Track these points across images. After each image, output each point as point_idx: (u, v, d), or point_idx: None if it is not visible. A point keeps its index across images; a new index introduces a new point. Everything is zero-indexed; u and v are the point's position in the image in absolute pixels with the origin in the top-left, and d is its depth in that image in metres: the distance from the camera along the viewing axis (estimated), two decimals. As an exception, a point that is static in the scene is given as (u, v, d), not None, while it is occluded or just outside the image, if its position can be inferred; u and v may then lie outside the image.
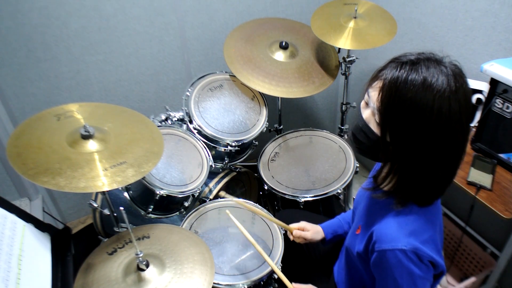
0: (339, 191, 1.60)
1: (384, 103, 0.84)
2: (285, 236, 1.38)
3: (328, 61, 1.83)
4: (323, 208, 1.70)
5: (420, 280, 0.87)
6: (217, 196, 1.63)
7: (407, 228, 0.87)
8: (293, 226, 1.33)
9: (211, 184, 1.67)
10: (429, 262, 0.87)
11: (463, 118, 0.81)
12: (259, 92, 1.74)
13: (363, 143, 0.93)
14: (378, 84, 0.85)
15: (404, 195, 0.90)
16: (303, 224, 1.33)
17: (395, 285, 0.88)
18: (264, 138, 1.82)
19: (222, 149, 1.65)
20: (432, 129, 0.80)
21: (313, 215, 1.50)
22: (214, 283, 1.18)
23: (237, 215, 1.49)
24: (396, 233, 0.87)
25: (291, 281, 1.18)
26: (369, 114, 0.90)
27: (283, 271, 1.33)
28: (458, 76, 0.81)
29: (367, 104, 0.91)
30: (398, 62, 0.84)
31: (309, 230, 1.30)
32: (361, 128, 0.92)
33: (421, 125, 0.80)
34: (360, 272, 1.06)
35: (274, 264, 1.31)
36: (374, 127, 0.89)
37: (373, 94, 0.87)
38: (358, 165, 1.70)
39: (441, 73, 0.79)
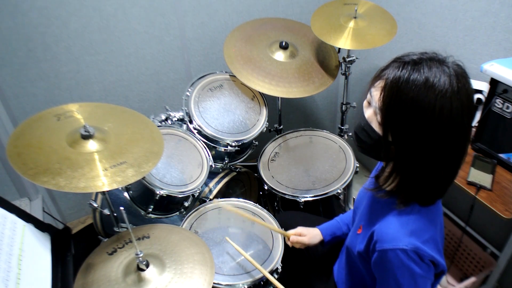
0: (339, 191, 1.60)
1: (386, 102, 0.84)
2: (285, 240, 1.38)
3: (328, 61, 1.83)
4: (323, 208, 1.70)
5: (421, 279, 0.87)
6: (217, 196, 1.63)
7: (408, 228, 0.87)
8: (290, 232, 1.33)
9: (211, 184, 1.67)
10: (430, 262, 0.87)
11: (465, 118, 0.81)
12: (259, 92, 1.74)
13: (365, 143, 0.93)
14: (380, 84, 0.86)
15: (407, 194, 0.90)
16: (299, 229, 1.32)
17: (396, 285, 0.88)
18: (264, 138, 1.82)
19: (222, 149, 1.65)
20: (434, 129, 0.80)
21: (313, 217, 1.50)
22: (214, 283, 1.18)
23: (237, 215, 1.49)
24: (397, 232, 0.87)
25: (290, 283, 1.18)
26: (371, 114, 0.90)
27: (283, 271, 1.33)
28: (461, 76, 0.80)
29: (369, 103, 0.91)
30: (400, 61, 0.84)
31: (306, 235, 1.30)
32: (363, 128, 0.92)
33: (422, 125, 0.80)
34: (361, 272, 1.06)
35: (273, 266, 1.32)
36: (376, 126, 0.89)
37: (375, 94, 0.87)
38: (358, 165, 1.70)
39: (443, 73, 0.79)
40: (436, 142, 0.82)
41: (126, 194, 1.44)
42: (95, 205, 1.45)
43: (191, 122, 1.64)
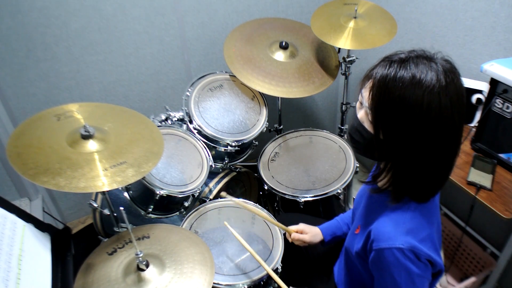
0: (339, 191, 1.60)
1: (375, 101, 0.84)
2: (285, 236, 1.38)
3: (328, 61, 1.83)
4: (323, 208, 1.70)
5: (419, 278, 0.87)
6: (217, 196, 1.63)
7: (404, 227, 0.88)
8: (292, 228, 1.33)
9: (211, 184, 1.67)
10: (427, 261, 0.87)
11: (455, 113, 0.81)
12: (259, 92, 1.74)
13: (359, 143, 0.94)
14: (369, 84, 0.86)
15: (398, 191, 0.90)
16: (301, 226, 1.33)
17: (393, 284, 0.88)
18: (264, 138, 1.82)
19: (222, 149, 1.65)
20: (423, 125, 0.80)
21: (313, 218, 1.50)
22: (214, 283, 1.18)
23: (237, 215, 1.49)
24: (394, 231, 0.87)
25: (290, 283, 1.18)
26: (363, 114, 0.91)
27: (283, 271, 1.33)
28: (449, 71, 0.80)
29: (361, 104, 0.91)
30: (388, 60, 0.85)
31: (307, 233, 1.31)
32: (356, 128, 0.92)
33: (411, 122, 0.81)
34: (359, 272, 1.06)
35: (273, 266, 1.32)
36: (368, 126, 0.89)
37: (365, 94, 0.88)
38: (358, 165, 1.70)
39: (430, 69, 0.79)
40: (426, 139, 0.82)
41: (126, 194, 1.44)
42: (95, 205, 1.45)
43: (191, 122, 1.64)
